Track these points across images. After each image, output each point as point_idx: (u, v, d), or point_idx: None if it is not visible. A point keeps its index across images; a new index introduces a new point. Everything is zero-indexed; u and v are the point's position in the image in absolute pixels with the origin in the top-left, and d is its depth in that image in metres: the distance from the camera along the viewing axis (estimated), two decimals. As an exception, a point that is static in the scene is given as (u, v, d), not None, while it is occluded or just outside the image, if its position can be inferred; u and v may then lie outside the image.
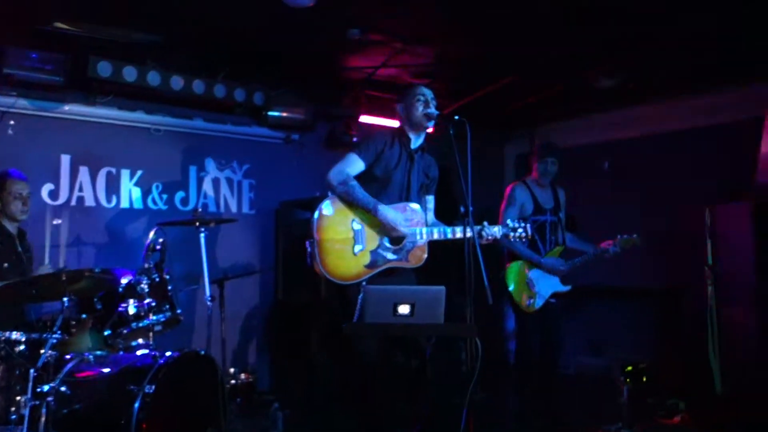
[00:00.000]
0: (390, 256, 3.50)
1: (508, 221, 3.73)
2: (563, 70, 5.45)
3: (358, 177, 3.58)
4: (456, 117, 3.34)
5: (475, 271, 3.08)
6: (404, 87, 3.89)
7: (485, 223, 3.60)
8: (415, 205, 3.67)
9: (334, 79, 5.75)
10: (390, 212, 3.48)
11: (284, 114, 5.76)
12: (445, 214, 3.94)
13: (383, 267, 3.49)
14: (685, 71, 5.48)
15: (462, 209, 3.30)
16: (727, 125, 5.71)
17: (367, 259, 3.46)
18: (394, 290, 2.96)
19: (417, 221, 3.60)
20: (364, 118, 6.11)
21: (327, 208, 3.51)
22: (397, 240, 3.53)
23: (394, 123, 3.96)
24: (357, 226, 3.49)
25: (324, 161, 6.22)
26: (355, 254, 3.45)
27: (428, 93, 3.75)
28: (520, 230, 3.70)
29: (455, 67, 5.45)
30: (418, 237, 3.56)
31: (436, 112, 3.66)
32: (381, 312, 2.89)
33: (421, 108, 3.68)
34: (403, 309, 2.89)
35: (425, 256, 3.58)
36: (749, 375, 4.51)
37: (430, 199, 3.89)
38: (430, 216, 3.86)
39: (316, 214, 3.48)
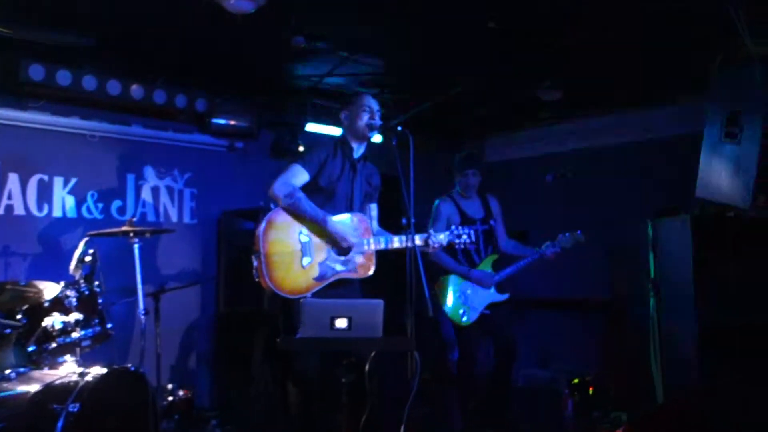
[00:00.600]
0: (339, 267, 3.51)
1: (452, 227, 3.82)
2: (511, 82, 5.53)
3: (303, 189, 3.56)
4: (399, 128, 3.38)
5: (417, 281, 3.10)
6: (350, 95, 3.88)
7: (431, 231, 3.66)
8: (361, 216, 3.68)
9: (279, 86, 5.72)
10: (339, 224, 3.47)
11: (228, 121, 5.70)
12: (397, 225, 3.94)
13: (332, 279, 3.49)
14: (628, 85, 5.60)
15: (404, 221, 3.30)
16: (669, 139, 5.85)
17: (315, 271, 3.45)
18: (331, 304, 2.94)
19: (364, 231, 3.61)
20: (311, 127, 6.09)
21: (272, 221, 3.46)
22: (345, 251, 3.51)
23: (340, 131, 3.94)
24: (304, 238, 3.48)
25: (269, 170, 6.18)
26: (303, 267, 3.43)
27: (374, 104, 3.76)
28: (464, 236, 3.80)
29: (404, 76, 5.47)
30: (365, 247, 3.57)
31: (380, 123, 3.65)
32: (319, 326, 2.88)
33: (366, 118, 3.67)
34: (341, 323, 2.87)
35: (373, 266, 3.60)
36: (689, 386, 4.59)
37: (374, 208, 3.90)
38: (375, 225, 3.86)
39: (261, 228, 3.43)
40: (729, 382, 4.34)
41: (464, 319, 4.58)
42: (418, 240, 3.61)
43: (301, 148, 5.85)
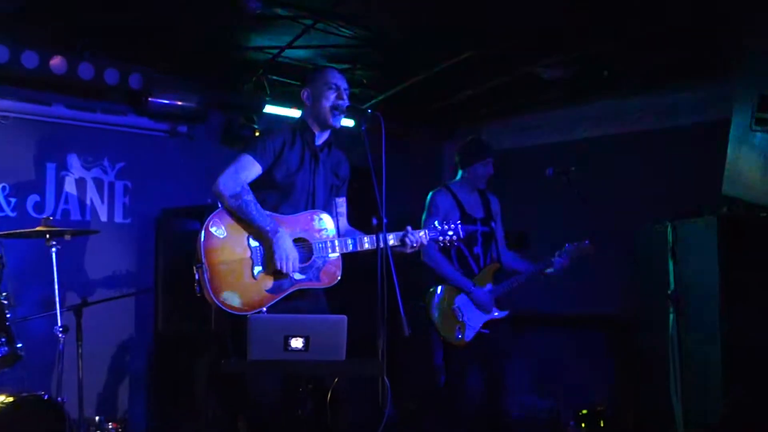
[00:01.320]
0: (297, 276, 3.45)
1: (435, 222, 3.75)
2: (511, 57, 5.50)
3: (255, 183, 3.51)
4: (369, 111, 3.38)
5: (389, 292, 3.05)
6: (312, 71, 3.81)
7: (408, 228, 3.59)
8: (324, 214, 3.64)
9: (231, 60, 5.66)
10: (287, 244, 3.38)
11: (169, 101, 5.65)
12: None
13: (291, 290, 3.44)
14: (643, 66, 5.61)
15: (375, 221, 3.24)
16: (687, 128, 5.88)
17: (269, 282, 3.40)
18: (284, 320, 2.90)
19: (327, 232, 3.58)
20: (270, 108, 6.05)
21: (215, 224, 3.41)
22: (305, 256, 3.46)
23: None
24: (254, 242, 3.42)
25: (219, 160, 6.02)
26: (254, 277, 3.38)
27: (341, 81, 3.70)
28: (450, 233, 3.73)
29: (382, 49, 5.43)
30: (329, 251, 3.52)
31: (347, 104, 3.59)
32: (270, 346, 2.85)
33: (332, 98, 3.61)
34: (296, 343, 2.84)
35: (339, 273, 3.56)
36: (714, 416, 4.58)
37: (341, 202, 3.85)
38: (343, 222, 3.82)
39: (202, 234, 3.37)
40: (759, 413, 4.34)
41: (458, 336, 4.54)
42: (392, 239, 3.55)
43: (257, 134, 5.78)
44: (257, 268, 3.38)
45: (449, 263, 4.63)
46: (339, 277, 3.55)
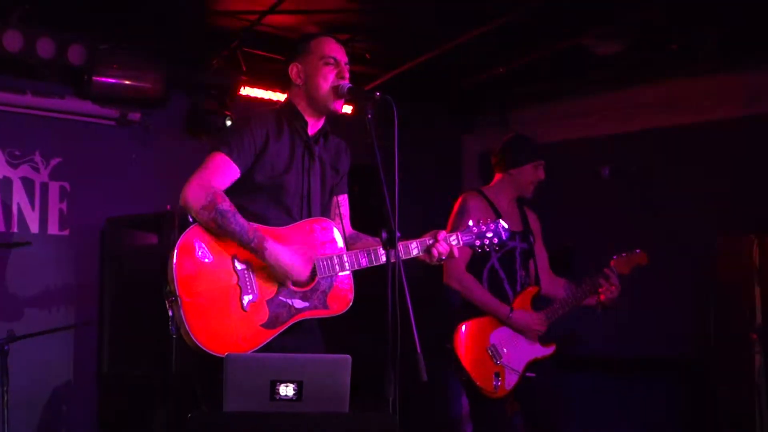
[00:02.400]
0: (298, 303, 3.42)
1: (469, 222, 3.68)
2: (552, 25, 5.51)
3: (232, 189, 3.46)
4: (377, 94, 3.32)
5: (403, 325, 2.97)
6: (302, 40, 3.77)
7: (436, 233, 3.54)
8: (327, 222, 3.60)
9: (197, 29, 5.66)
10: (283, 253, 3.35)
11: (119, 80, 5.65)
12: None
13: (290, 322, 3.40)
14: (721, 38, 5.57)
15: (384, 234, 3.21)
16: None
17: (263, 314, 3.35)
18: (271, 360, 2.89)
19: (332, 245, 3.55)
20: (246, 91, 6.07)
21: (189, 244, 3.35)
22: (303, 281, 3.45)
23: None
24: (240, 264, 3.38)
25: (182, 155, 6.14)
26: (244, 309, 3.34)
27: (340, 53, 3.67)
28: (490, 234, 3.67)
29: (386, 16, 5.42)
30: (338, 269, 3.49)
31: (349, 85, 3.56)
32: (252, 394, 2.82)
33: (330, 76, 3.58)
34: (286, 390, 2.82)
35: (351, 295, 3.53)
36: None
37: (343, 201, 3.83)
38: (347, 225, 3.81)
39: (174, 258, 3.31)
40: None
41: (497, 384, 4.52)
42: (414, 250, 3.53)
43: (229, 123, 5.82)
44: (246, 297, 3.35)
45: (480, 285, 4.62)
46: (351, 301, 3.52)
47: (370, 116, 3.29)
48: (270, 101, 6.09)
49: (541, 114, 7.28)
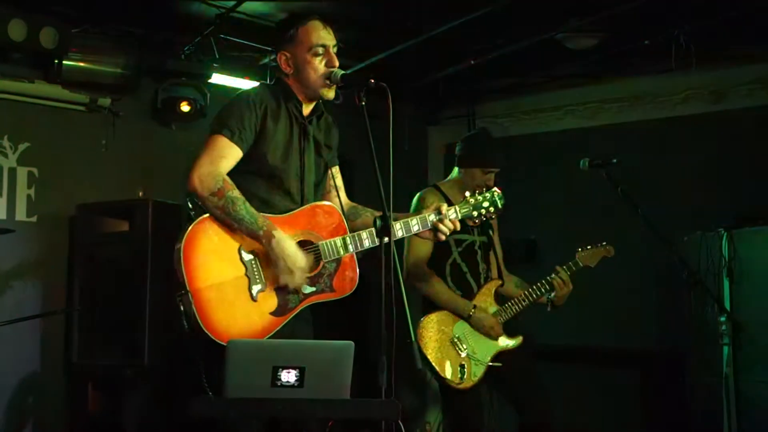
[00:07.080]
0: (306, 289, 3.46)
1: (467, 193, 3.72)
2: (523, 19, 5.53)
3: (231, 173, 3.45)
4: (371, 80, 3.33)
5: (398, 309, 3.02)
6: (285, 26, 3.76)
7: (439, 207, 3.57)
8: (328, 205, 3.64)
9: (169, 14, 5.65)
10: (290, 247, 3.38)
11: (89, 65, 5.65)
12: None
13: (299, 308, 3.45)
14: (695, 31, 5.60)
15: (375, 222, 3.27)
16: (751, 112, 6.00)
17: (272, 302, 3.39)
18: (273, 346, 2.89)
19: (336, 226, 3.58)
20: (218, 78, 6.09)
21: (198, 234, 3.36)
22: (313, 262, 3.48)
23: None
24: (248, 255, 3.40)
25: (152, 142, 6.20)
26: (254, 299, 3.36)
27: (327, 37, 3.66)
28: (486, 203, 3.72)
29: (359, 7, 5.45)
30: (341, 250, 3.52)
31: (342, 72, 3.58)
32: (253, 381, 2.82)
33: (320, 66, 3.59)
34: (288, 376, 2.81)
35: (357, 276, 3.58)
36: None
37: (336, 173, 3.87)
38: (343, 198, 3.84)
39: (180, 251, 3.31)
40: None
41: (463, 377, 4.59)
42: (416, 225, 3.56)
43: (187, 107, 5.86)
44: (256, 288, 3.36)
45: (442, 284, 4.68)
46: (356, 282, 3.57)
47: (364, 102, 3.31)
48: (243, 87, 6.06)
49: (508, 108, 7.35)
